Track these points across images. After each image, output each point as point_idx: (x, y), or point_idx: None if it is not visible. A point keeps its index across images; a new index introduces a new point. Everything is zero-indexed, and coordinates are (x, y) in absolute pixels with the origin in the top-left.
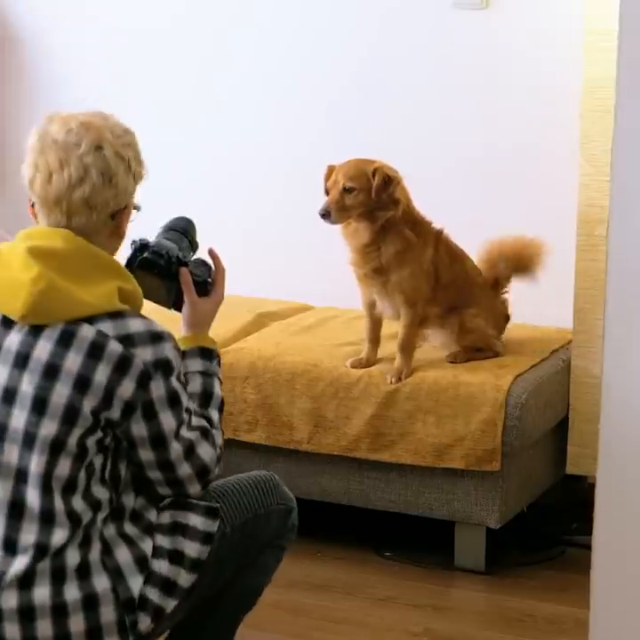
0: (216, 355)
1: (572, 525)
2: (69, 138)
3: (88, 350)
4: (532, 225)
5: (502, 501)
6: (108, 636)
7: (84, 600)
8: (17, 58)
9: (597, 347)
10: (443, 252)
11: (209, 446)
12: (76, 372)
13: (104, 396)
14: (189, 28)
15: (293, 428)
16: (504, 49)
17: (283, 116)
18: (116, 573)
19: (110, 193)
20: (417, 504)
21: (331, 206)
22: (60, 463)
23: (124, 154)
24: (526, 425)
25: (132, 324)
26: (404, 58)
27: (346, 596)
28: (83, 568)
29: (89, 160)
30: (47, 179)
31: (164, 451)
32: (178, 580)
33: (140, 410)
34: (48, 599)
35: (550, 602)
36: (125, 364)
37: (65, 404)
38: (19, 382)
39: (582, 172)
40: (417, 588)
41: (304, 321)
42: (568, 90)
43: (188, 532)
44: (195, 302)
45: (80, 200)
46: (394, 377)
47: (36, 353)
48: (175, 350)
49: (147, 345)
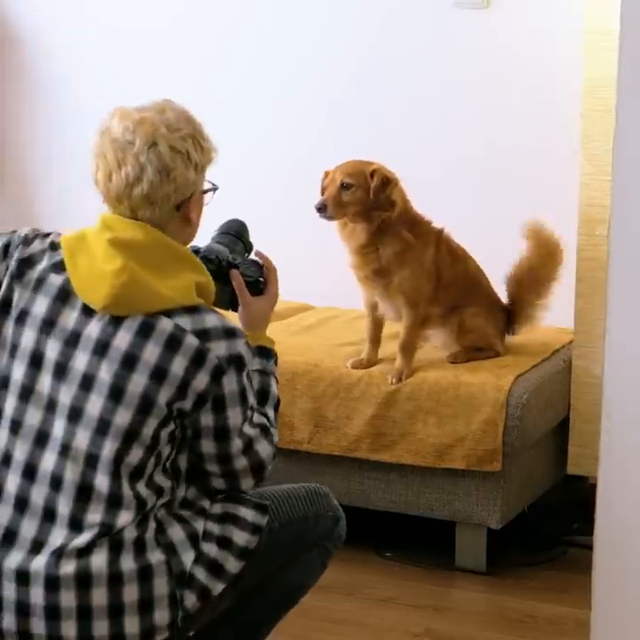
0: (273, 354)
1: (573, 526)
2: (125, 136)
3: (166, 343)
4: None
5: (503, 502)
6: (159, 609)
7: (139, 571)
8: (17, 58)
9: (598, 347)
10: (444, 251)
11: (267, 443)
12: (153, 363)
13: (179, 387)
14: (189, 28)
15: (294, 428)
16: (505, 48)
17: (283, 116)
18: (169, 549)
19: (170, 187)
20: (418, 504)
21: (327, 201)
22: (132, 451)
23: (181, 147)
24: (527, 425)
25: (207, 319)
26: (405, 57)
27: (346, 597)
28: (139, 543)
29: (143, 158)
30: (107, 177)
31: (225, 444)
32: (225, 565)
33: (211, 402)
34: (105, 567)
35: (551, 602)
36: (201, 357)
37: (141, 394)
38: (97, 369)
39: (583, 171)
40: (417, 589)
41: (304, 321)
42: (569, 89)
43: (238, 522)
44: (248, 302)
45: (140, 197)
46: (394, 377)
47: (115, 342)
48: (247, 347)
49: (221, 340)
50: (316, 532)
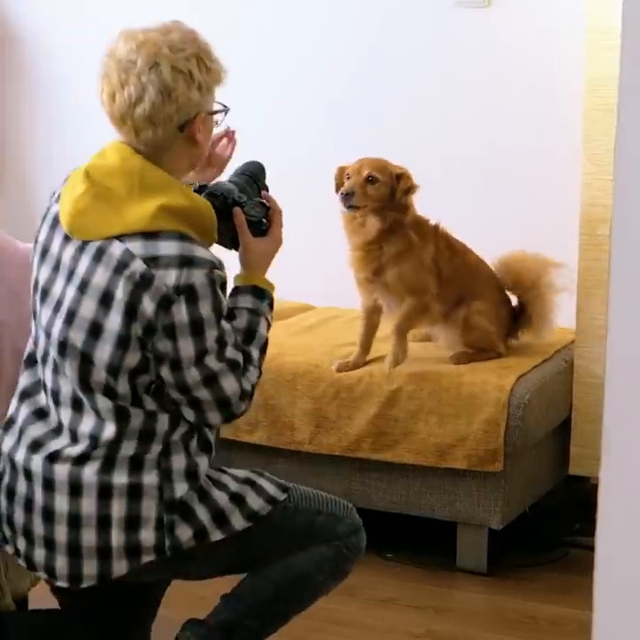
0: (268, 295)
1: (575, 526)
2: (129, 56)
3: (114, 267)
4: (534, 225)
5: (504, 502)
6: (146, 529)
7: (129, 487)
8: (17, 58)
9: (600, 347)
10: (442, 246)
11: (234, 379)
12: (102, 287)
13: (126, 311)
14: (192, 23)
15: (295, 428)
16: (506, 48)
17: (282, 116)
18: (165, 474)
19: (171, 107)
20: (419, 505)
21: (355, 188)
22: (95, 372)
23: (183, 67)
24: (529, 425)
25: (163, 245)
26: (405, 57)
27: (347, 598)
28: (136, 461)
29: (145, 78)
30: (112, 97)
31: (180, 374)
32: (231, 518)
33: (162, 330)
34: (95, 477)
35: (553, 603)
36: (146, 283)
37: (91, 319)
38: (64, 294)
39: (585, 170)
40: (418, 590)
41: (305, 321)
42: (570, 89)
43: (256, 488)
44: (248, 242)
45: (142, 117)
46: (391, 363)
47: (78, 268)
48: (207, 279)
49: (172, 268)
50: (329, 531)
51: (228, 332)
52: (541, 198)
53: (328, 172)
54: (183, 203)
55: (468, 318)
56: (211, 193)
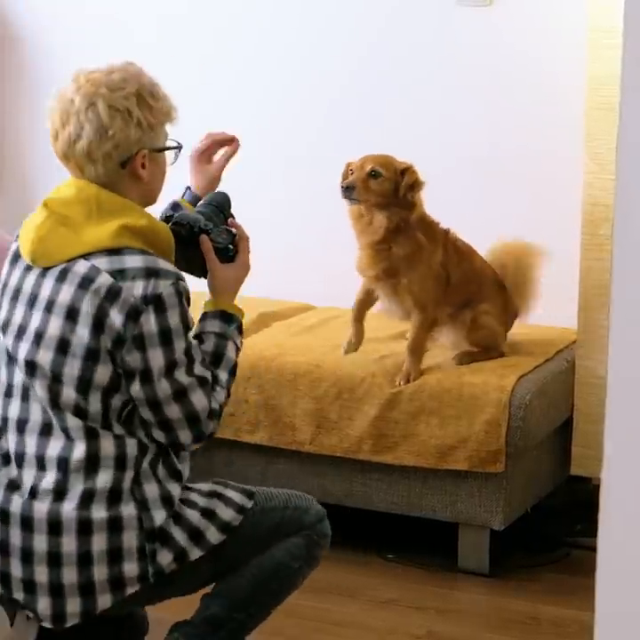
0: (236, 320)
1: (577, 527)
2: (70, 96)
3: (79, 283)
4: (536, 224)
5: (506, 503)
6: (128, 561)
7: (109, 521)
8: (17, 57)
9: (602, 347)
10: (451, 251)
11: (203, 395)
12: (66, 303)
13: (94, 325)
14: (190, 26)
15: (296, 429)
16: (507, 47)
17: (282, 115)
18: (142, 504)
19: (109, 145)
20: (420, 506)
21: (356, 182)
22: (64, 391)
23: (120, 105)
24: (530, 426)
25: (129, 259)
26: (407, 56)
27: (348, 599)
28: (113, 493)
29: (83, 117)
30: (55, 137)
31: (150, 387)
32: (206, 534)
33: (131, 341)
34: (75, 514)
35: (554, 604)
36: (114, 295)
37: (58, 336)
38: (29, 319)
39: (586, 170)
40: (420, 591)
41: (306, 321)
42: (572, 88)
43: (224, 499)
44: (215, 268)
45: (81, 155)
46: (402, 379)
47: (41, 292)
48: (174, 289)
49: (139, 279)
50: (297, 522)
51: (195, 348)
52: (543, 198)
53: (329, 172)
54: (142, 223)
55: (476, 319)
56: (177, 222)
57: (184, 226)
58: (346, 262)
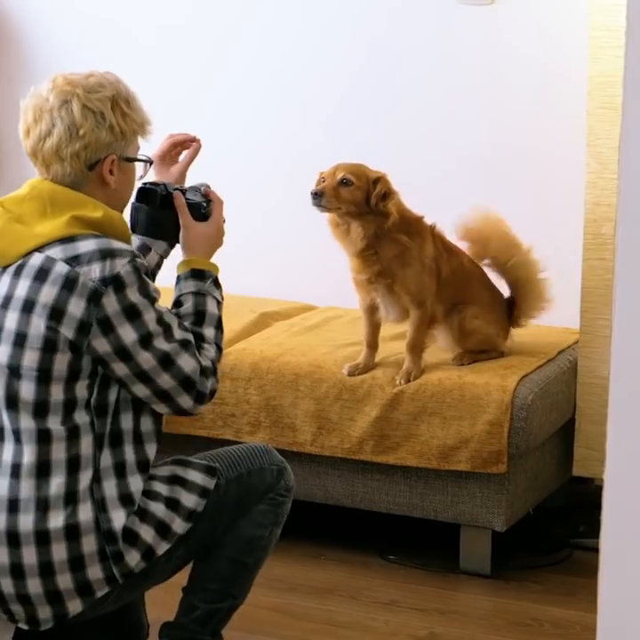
0: (209, 275)
1: (579, 528)
2: (45, 94)
3: (35, 275)
4: (538, 223)
5: (508, 504)
6: (91, 566)
7: (66, 529)
8: (16, 55)
9: (604, 347)
10: (440, 247)
11: (189, 357)
12: (23, 297)
13: (52, 314)
14: (191, 25)
15: (297, 429)
16: (509, 46)
17: (284, 115)
18: (99, 505)
19: (79, 144)
20: (422, 507)
21: (325, 189)
22: (23, 386)
23: (94, 107)
24: (532, 426)
25: (82, 244)
26: (408, 55)
27: (349, 600)
28: (69, 497)
29: (56, 114)
30: (26, 133)
31: (133, 362)
32: (172, 526)
33: (97, 326)
34: (32, 526)
35: (557, 606)
36: (72, 282)
37: (15, 329)
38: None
39: (589, 169)
40: (421, 592)
41: (307, 321)
42: (574, 87)
43: (186, 485)
44: (189, 225)
45: (50, 151)
46: (403, 378)
47: (0, 289)
48: (131, 266)
49: (94, 262)
50: (261, 486)
51: (168, 314)
52: (545, 197)
53: None
54: (95, 215)
55: (464, 324)
56: (152, 183)
57: (159, 185)
58: (347, 264)
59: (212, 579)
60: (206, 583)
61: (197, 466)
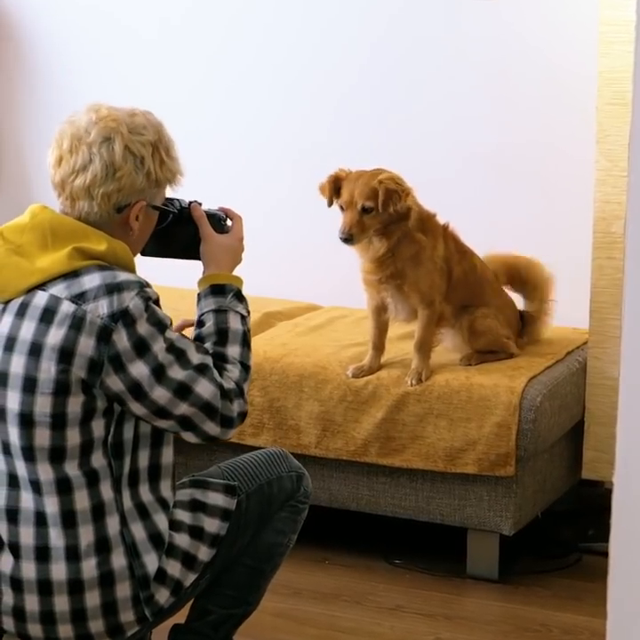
0: (230, 289)
1: (589, 532)
2: (86, 126)
3: (40, 316)
4: (547, 223)
5: (516, 507)
6: (124, 611)
7: (100, 577)
8: (15, 52)
9: (614, 347)
10: (452, 247)
11: (207, 382)
12: (29, 340)
13: (60, 357)
14: (194, 20)
15: (301, 431)
16: (516, 41)
17: (289, 112)
18: (132, 550)
19: (113, 186)
20: (428, 510)
21: (352, 230)
22: (38, 433)
23: (137, 150)
24: (541, 428)
25: (86, 280)
26: (413, 51)
27: (354, 605)
28: (100, 544)
29: (95, 149)
30: (58, 162)
31: (147, 400)
32: (198, 555)
33: (109, 364)
34: (65, 576)
35: (566, 611)
36: (79, 321)
37: (23, 374)
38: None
39: (598, 167)
40: (428, 597)
41: (311, 321)
42: (583, 82)
43: (208, 509)
44: (210, 235)
45: (80, 187)
46: (414, 379)
47: (0, 329)
48: (139, 298)
49: (101, 298)
50: (282, 495)
51: (181, 341)
52: (554, 195)
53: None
54: (99, 248)
55: (474, 324)
56: (167, 199)
57: (172, 201)
58: (353, 261)
59: (228, 585)
60: (222, 589)
61: (216, 486)
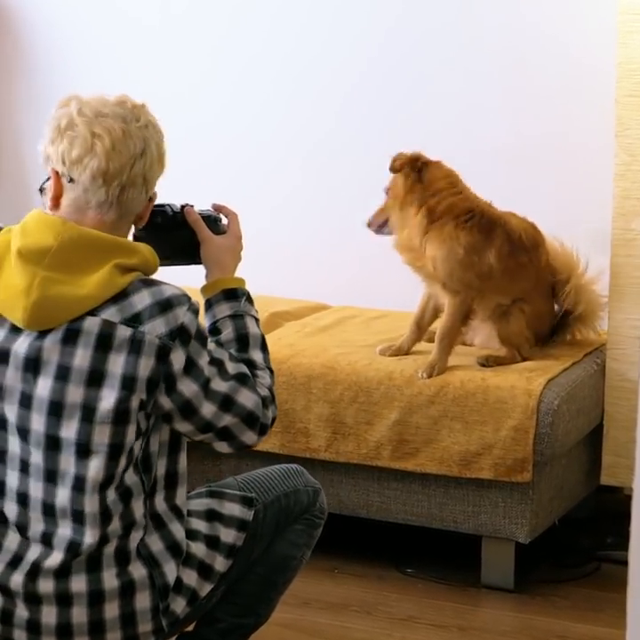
0: (242, 293)
1: (607, 540)
2: (124, 112)
3: (96, 343)
4: (564, 218)
5: (533, 514)
6: (142, 622)
7: (121, 587)
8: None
9: (634, 348)
10: (503, 242)
11: (248, 391)
12: (86, 369)
13: (124, 384)
14: (198, 11)
15: (310, 435)
16: (533, 30)
17: (296, 104)
18: (150, 560)
19: (160, 171)
20: (441, 517)
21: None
22: (92, 463)
23: (164, 151)
24: (558, 432)
25: (137, 300)
26: (426, 40)
27: (364, 616)
28: (121, 556)
29: (147, 133)
30: (112, 148)
31: (196, 417)
32: (214, 565)
33: (163, 383)
34: (85, 587)
35: (584, 622)
36: (138, 345)
37: (81, 404)
38: (33, 387)
39: (617, 161)
40: (441, 608)
41: (320, 321)
42: (602, 73)
43: (224, 519)
44: (209, 237)
45: (138, 172)
46: (425, 372)
47: (45, 356)
48: (190, 312)
49: (157, 317)
50: (298, 507)
51: (217, 350)
52: (571, 191)
53: (344, 169)
54: (135, 262)
55: (510, 311)
56: (157, 205)
57: (164, 207)
58: (362, 259)
59: (239, 593)
60: (233, 597)
61: (233, 497)
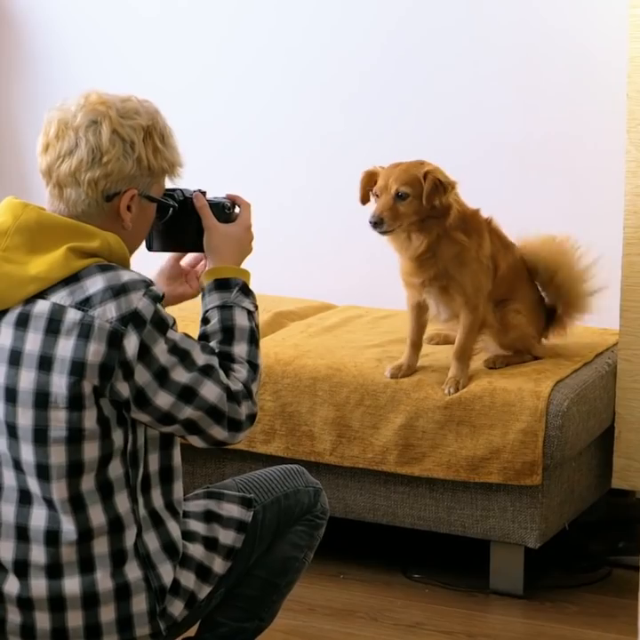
0: (235, 283)
1: (619, 544)
2: (73, 109)
3: (45, 327)
4: (575, 217)
5: (542, 519)
6: (139, 626)
7: (116, 590)
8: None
9: None
10: (497, 243)
11: (212, 384)
12: (37, 353)
13: (72, 369)
14: (202, 13)
15: (315, 438)
16: (543, 25)
17: (303, 98)
18: (147, 561)
19: (99, 171)
20: (448, 521)
21: (383, 213)
22: (53, 450)
23: (126, 134)
24: (568, 435)
25: (89, 283)
26: (435, 36)
27: (371, 622)
28: (117, 556)
29: (82, 133)
30: (45, 148)
31: (150, 407)
32: (213, 567)
33: (119, 369)
34: (79, 590)
35: (595, 628)
36: (86, 329)
37: (34, 390)
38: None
39: (629, 158)
40: (448, 614)
41: (325, 321)
42: (613, 69)
43: (223, 521)
44: (213, 225)
45: (67, 172)
46: (451, 387)
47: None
48: (147, 297)
49: (108, 301)
50: (298, 508)
51: (185, 341)
52: (582, 188)
53: (349, 168)
54: (92, 245)
55: (505, 317)
56: (168, 189)
57: (175, 191)
58: (368, 259)
59: (240, 597)
60: (234, 601)
61: (232, 498)
